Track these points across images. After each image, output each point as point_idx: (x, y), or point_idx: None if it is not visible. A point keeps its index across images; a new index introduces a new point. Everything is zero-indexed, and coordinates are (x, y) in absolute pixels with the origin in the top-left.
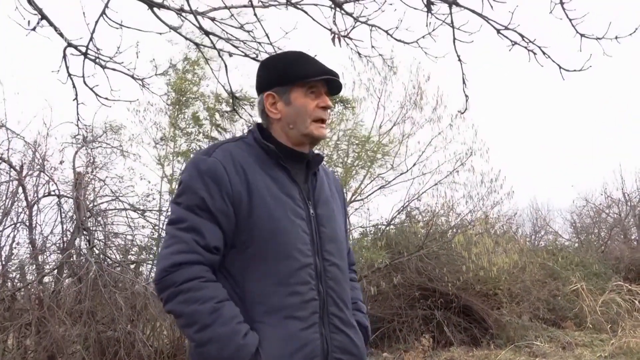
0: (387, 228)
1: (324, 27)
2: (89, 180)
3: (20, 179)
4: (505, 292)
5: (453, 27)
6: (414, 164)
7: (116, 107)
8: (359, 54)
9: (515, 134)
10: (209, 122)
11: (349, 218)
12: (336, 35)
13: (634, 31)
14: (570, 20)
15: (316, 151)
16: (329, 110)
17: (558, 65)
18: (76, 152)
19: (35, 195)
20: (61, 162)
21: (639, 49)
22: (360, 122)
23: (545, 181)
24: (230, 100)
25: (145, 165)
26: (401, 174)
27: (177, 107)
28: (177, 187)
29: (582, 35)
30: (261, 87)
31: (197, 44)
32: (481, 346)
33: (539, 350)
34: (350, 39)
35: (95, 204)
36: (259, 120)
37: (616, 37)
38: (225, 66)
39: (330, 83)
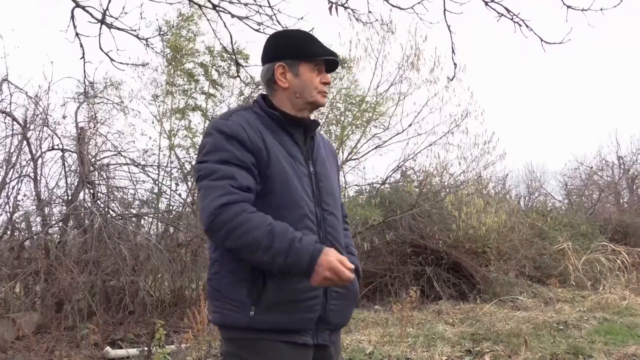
0: (382, 187)
1: None
2: (91, 135)
3: (24, 132)
4: (493, 250)
5: None
6: (410, 125)
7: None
8: (357, 18)
9: (512, 97)
10: (204, 78)
11: (340, 176)
12: (333, 4)
13: (619, 3)
14: None
15: (312, 118)
16: (328, 86)
17: (539, 37)
18: (78, 107)
19: (39, 148)
20: (64, 117)
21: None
22: (355, 81)
23: (541, 144)
24: (229, 56)
25: (144, 122)
26: (397, 134)
27: (172, 64)
28: (200, 150)
29: (568, 6)
30: (271, 57)
31: (199, 5)
32: (468, 300)
33: (521, 305)
34: (346, 7)
35: (97, 158)
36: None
37: (601, 9)
38: (224, 22)
39: (329, 62)
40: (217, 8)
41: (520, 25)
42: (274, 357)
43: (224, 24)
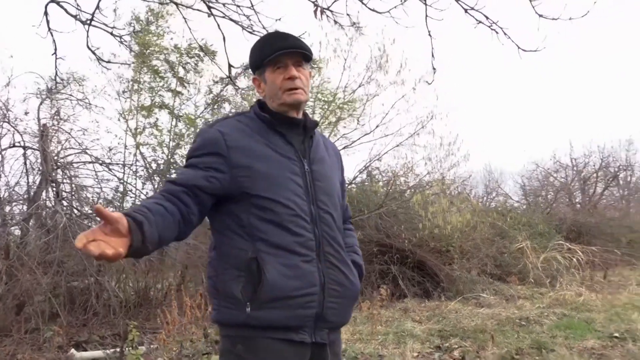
0: (349, 186)
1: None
2: (54, 132)
3: None
4: (457, 249)
5: (426, 4)
6: (377, 126)
7: (78, 58)
8: (337, 22)
9: (475, 101)
10: (171, 75)
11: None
12: (318, 8)
13: (586, 13)
14: (530, 0)
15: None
16: (299, 78)
17: (517, 45)
18: (41, 103)
19: None
20: (26, 113)
21: (594, 30)
22: (326, 79)
23: (499, 146)
24: (199, 52)
25: (109, 119)
26: (365, 134)
27: (140, 60)
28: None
29: (540, 15)
30: (252, 72)
31: (176, 4)
32: (433, 298)
33: (484, 302)
34: (332, 11)
35: (61, 156)
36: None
37: (570, 18)
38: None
39: (297, 55)
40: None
41: (497, 33)
42: (270, 354)
43: (215, 19)
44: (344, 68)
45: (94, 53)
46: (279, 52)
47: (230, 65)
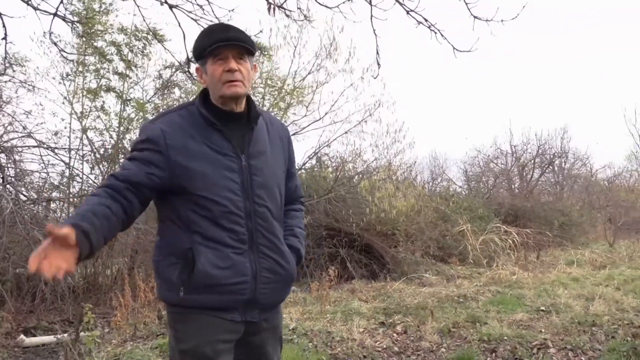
0: (299, 172)
1: None
2: None
3: None
4: (402, 232)
5: (371, 4)
6: (326, 113)
7: (19, 37)
8: (290, 17)
9: (421, 90)
10: (118, 58)
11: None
12: (272, 6)
13: (516, 16)
14: (466, 3)
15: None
16: (238, 71)
17: (452, 46)
18: None
19: None
20: None
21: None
22: (275, 67)
23: (444, 133)
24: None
25: (53, 102)
26: (314, 121)
27: (83, 39)
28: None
29: (475, 17)
30: (195, 61)
31: None
32: (379, 279)
33: (427, 281)
34: (284, 8)
35: (4, 139)
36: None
37: (502, 20)
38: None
39: (238, 47)
40: None
41: (435, 33)
42: (202, 327)
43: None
44: (294, 55)
45: (55, 45)
46: (219, 44)
47: (189, 60)
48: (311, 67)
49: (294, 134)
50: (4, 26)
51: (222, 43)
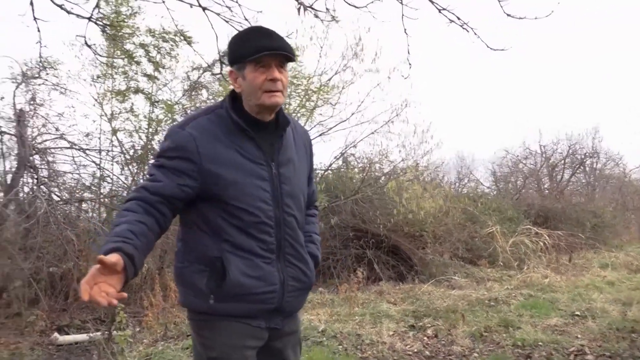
0: (326, 173)
1: None
2: (30, 117)
3: None
4: (430, 234)
5: (402, 3)
6: (353, 113)
7: (51, 41)
8: (320, 18)
9: (449, 90)
10: (146, 59)
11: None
12: (302, 6)
13: (550, 13)
14: (499, 1)
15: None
16: (280, 81)
17: (485, 44)
18: (16, 88)
19: None
20: (2, 98)
21: (561, 26)
22: (302, 67)
23: (472, 134)
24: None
25: (84, 104)
26: (341, 122)
27: (112, 43)
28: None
29: (508, 15)
30: (229, 63)
31: None
32: (406, 281)
33: (456, 284)
34: (313, 9)
35: (37, 141)
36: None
37: (535, 17)
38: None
39: (281, 55)
40: None
41: (468, 31)
42: (229, 334)
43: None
44: (320, 56)
45: (90, 48)
46: (265, 53)
47: (221, 62)
48: (337, 67)
49: (320, 135)
50: (38, 30)
51: (268, 52)
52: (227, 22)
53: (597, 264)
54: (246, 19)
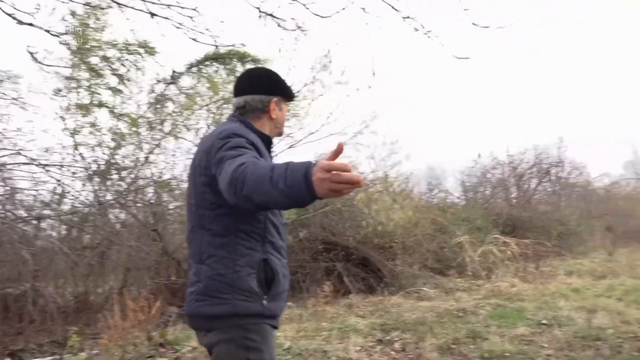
0: None
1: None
2: None
3: None
4: (399, 245)
5: (365, 11)
6: (322, 125)
7: (13, 55)
8: (282, 27)
9: (419, 101)
10: (110, 72)
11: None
12: (262, 14)
13: (513, 23)
14: (465, 10)
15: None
16: None
17: (450, 53)
18: None
19: None
20: None
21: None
22: None
23: (441, 144)
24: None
25: (44, 117)
26: (310, 134)
27: (77, 57)
28: (223, 140)
29: (474, 24)
30: (266, 91)
31: (118, 3)
32: (376, 293)
33: (425, 295)
34: (275, 17)
35: None
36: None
37: (499, 27)
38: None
39: None
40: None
41: (432, 40)
42: (269, 335)
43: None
44: (289, 68)
45: (32, 56)
46: (295, 98)
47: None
48: (306, 80)
49: (290, 147)
50: None
51: (294, 97)
52: (179, 28)
53: (563, 271)
54: (207, 30)
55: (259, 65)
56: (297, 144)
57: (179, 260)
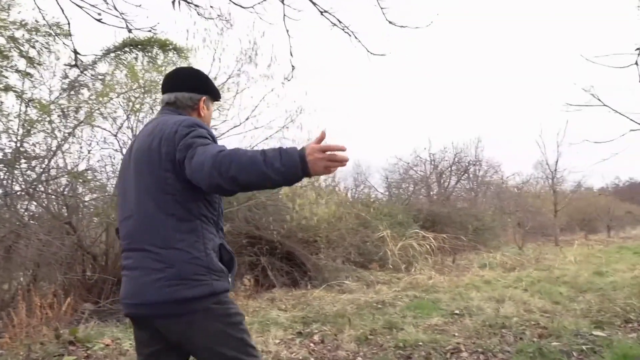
0: None
1: None
2: None
3: None
4: (323, 239)
5: (283, 3)
6: (247, 118)
7: None
8: (199, 13)
9: (344, 97)
10: (18, 54)
11: None
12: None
13: (430, 23)
14: (381, 8)
15: None
16: None
17: (366, 48)
18: None
19: None
20: None
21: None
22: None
23: (368, 141)
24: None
25: None
26: (234, 126)
27: None
28: (188, 128)
29: (390, 22)
30: (198, 90)
31: None
32: (300, 287)
33: (347, 288)
34: (191, 3)
35: None
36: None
37: (417, 27)
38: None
39: None
40: None
41: (350, 36)
42: (234, 304)
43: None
44: (214, 59)
45: None
46: (220, 98)
47: (76, 53)
48: (232, 72)
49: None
50: None
51: (220, 97)
52: (99, 16)
53: (477, 264)
54: (122, 14)
55: (188, 65)
56: (220, 136)
57: (95, 255)
